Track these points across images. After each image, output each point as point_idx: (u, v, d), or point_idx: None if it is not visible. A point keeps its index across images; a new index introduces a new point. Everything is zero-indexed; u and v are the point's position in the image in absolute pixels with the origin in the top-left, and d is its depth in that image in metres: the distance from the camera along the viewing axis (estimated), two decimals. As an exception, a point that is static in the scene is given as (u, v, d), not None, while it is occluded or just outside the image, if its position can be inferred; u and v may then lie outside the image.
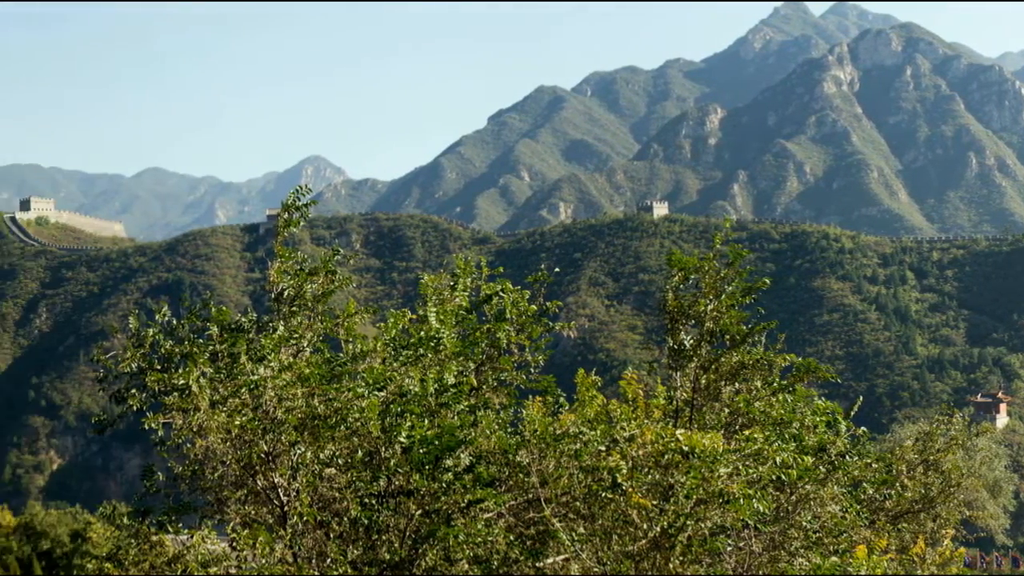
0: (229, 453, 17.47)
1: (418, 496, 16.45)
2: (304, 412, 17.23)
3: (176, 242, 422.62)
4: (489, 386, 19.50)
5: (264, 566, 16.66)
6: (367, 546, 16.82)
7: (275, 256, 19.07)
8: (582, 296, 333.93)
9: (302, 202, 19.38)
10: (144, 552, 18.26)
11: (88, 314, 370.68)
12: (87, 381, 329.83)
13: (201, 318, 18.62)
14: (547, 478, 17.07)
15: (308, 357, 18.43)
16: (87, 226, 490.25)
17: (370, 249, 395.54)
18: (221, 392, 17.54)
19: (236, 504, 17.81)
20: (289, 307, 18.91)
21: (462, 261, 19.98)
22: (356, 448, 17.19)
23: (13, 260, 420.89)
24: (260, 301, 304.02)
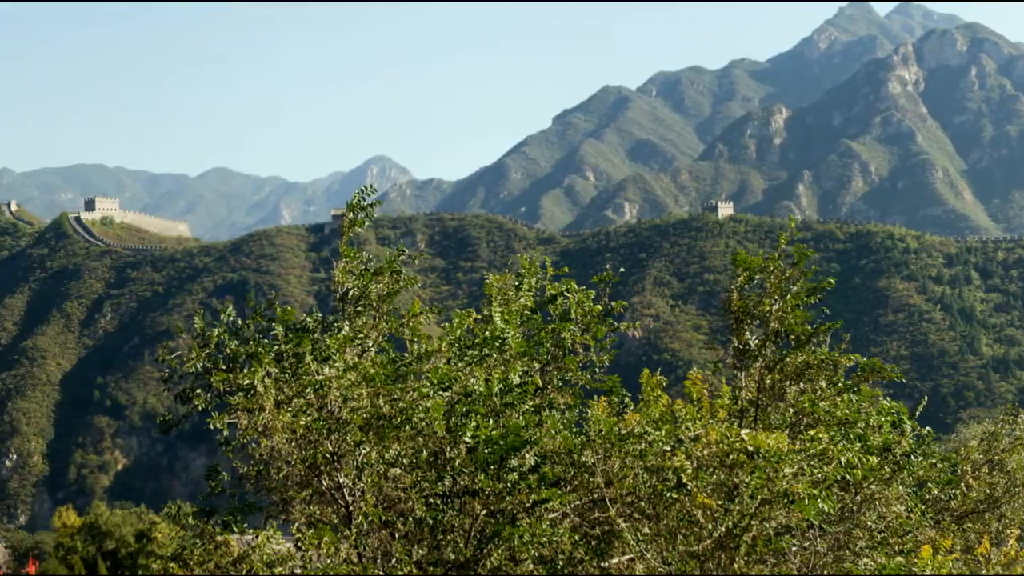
0: (294, 453, 17.52)
1: (483, 496, 16.48)
2: (369, 412, 17.27)
3: (241, 242, 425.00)
4: (554, 386, 19.49)
5: (329, 566, 16.75)
6: (432, 546, 16.86)
7: (340, 256, 19.12)
8: (647, 296, 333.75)
9: (367, 202, 19.42)
10: (209, 552, 18.38)
11: (153, 314, 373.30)
12: (152, 381, 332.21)
13: (266, 318, 18.70)
14: (612, 478, 17.07)
15: (373, 357, 18.44)
16: (152, 226, 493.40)
17: (435, 249, 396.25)
18: (286, 392, 17.61)
19: (301, 504, 17.86)
20: (354, 307, 18.96)
21: (527, 261, 19.99)
22: (421, 448, 17.21)
23: (78, 260, 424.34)
24: (325, 301, 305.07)
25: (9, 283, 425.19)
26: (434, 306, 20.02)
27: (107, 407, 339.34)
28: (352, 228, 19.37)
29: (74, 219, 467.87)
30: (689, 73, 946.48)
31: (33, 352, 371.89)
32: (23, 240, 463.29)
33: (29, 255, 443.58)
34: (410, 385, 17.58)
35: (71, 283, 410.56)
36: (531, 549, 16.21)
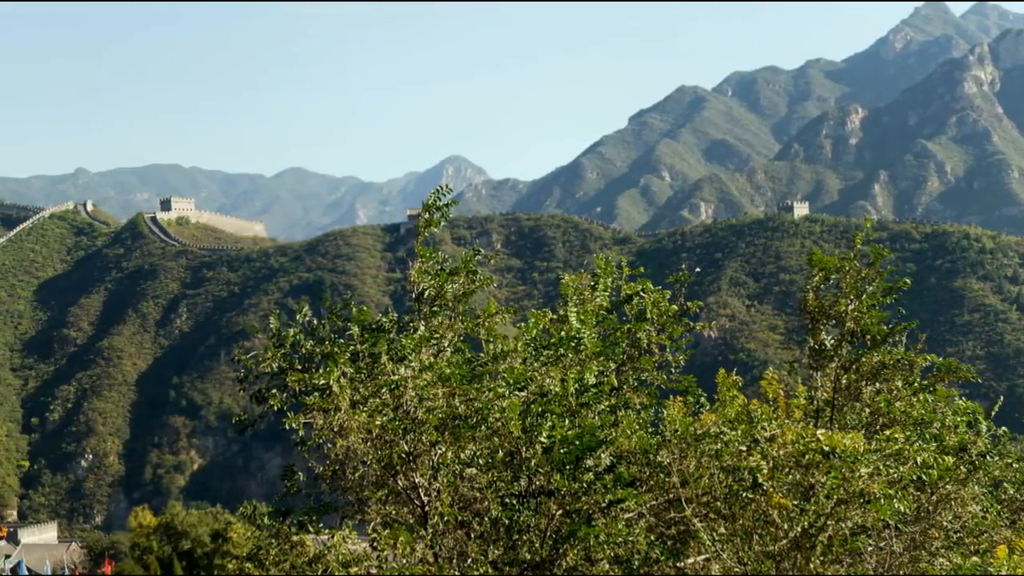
0: (370, 453, 17.58)
1: (559, 496, 16.50)
2: (445, 412, 17.34)
3: (317, 242, 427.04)
4: (630, 386, 19.45)
5: (405, 566, 16.80)
6: (508, 546, 16.90)
7: (416, 256, 19.20)
8: (723, 296, 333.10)
9: (443, 202, 19.50)
10: (285, 552, 18.47)
11: (229, 314, 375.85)
12: (228, 381, 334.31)
13: (342, 318, 18.79)
14: (688, 478, 17.08)
15: (449, 357, 18.50)
16: (228, 226, 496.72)
17: (511, 249, 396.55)
18: (362, 392, 17.68)
19: (377, 504, 17.91)
20: (430, 307, 19.03)
21: (603, 261, 20.00)
22: (497, 448, 17.28)
23: (154, 260, 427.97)
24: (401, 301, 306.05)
25: (85, 283, 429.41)
26: (510, 306, 20.03)
27: (183, 407, 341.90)
28: (428, 228, 19.44)
29: (150, 219, 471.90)
30: (765, 73, 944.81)
31: (109, 352, 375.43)
32: (99, 240, 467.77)
33: (105, 255, 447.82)
34: (486, 385, 17.62)
35: (147, 283, 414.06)
36: (607, 549, 16.21)
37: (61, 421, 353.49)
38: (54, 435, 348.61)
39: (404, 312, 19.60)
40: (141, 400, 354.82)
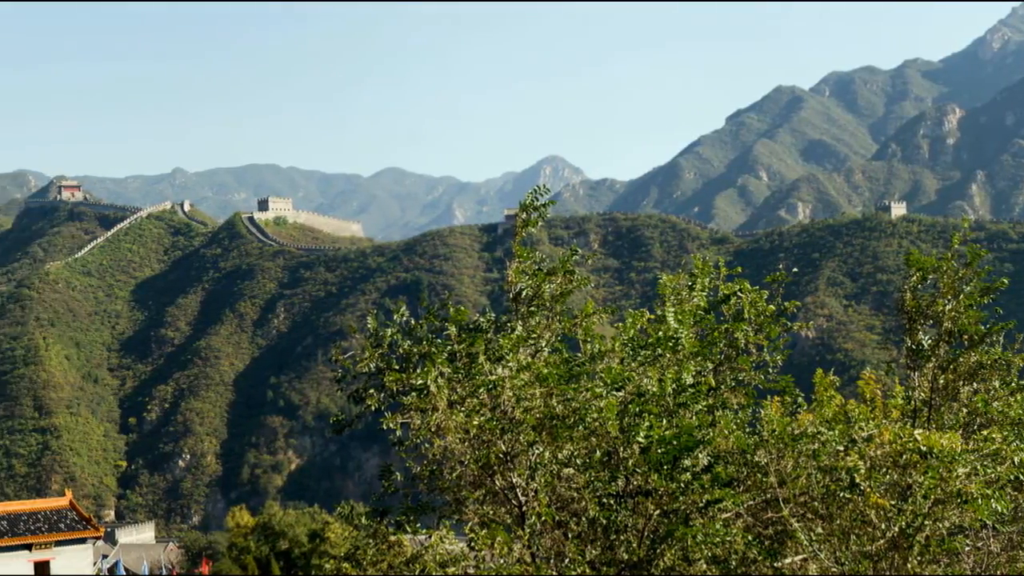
0: (467, 453, 17.71)
1: (656, 496, 16.57)
2: (542, 412, 17.43)
3: (414, 242, 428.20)
4: (727, 386, 19.48)
5: (502, 566, 16.88)
6: (605, 546, 16.98)
7: (513, 256, 19.28)
8: (820, 296, 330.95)
9: (540, 202, 19.55)
10: (382, 552, 18.71)
11: (326, 314, 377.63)
12: (325, 381, 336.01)
13: (439, 318, 18.97)
14: (785, 478, 17.11)
15: (546, 357, 18.58)
16: (325, 226, 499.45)
17: (608, 249, 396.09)
18: (459, 392, 17.82)
19: (474, 504, 18.06)
20: (527, 307, 19.11)
21: (700, 261, 20.00)
22: (594, 448, 17.34)
23: (251, 260, 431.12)
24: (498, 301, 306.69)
25: (183, 283, 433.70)
26: (607, 306, 20.11)
27: (280, 407, 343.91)
28: (525, 228, 19.51)
29: (247, 219, 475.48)
30: (862, 73, 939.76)
31: (207, 352, 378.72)
32: (196, 240, 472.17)
33: (203, 255, 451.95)
34: (583, 385, 17.66)
35: (244, 283, 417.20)
36: (704, 549, 16.28)
37: (158, 421, 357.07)
38: (151, 435, 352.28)
39: (502, 312, 19.68)
40: (238, 400, 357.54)
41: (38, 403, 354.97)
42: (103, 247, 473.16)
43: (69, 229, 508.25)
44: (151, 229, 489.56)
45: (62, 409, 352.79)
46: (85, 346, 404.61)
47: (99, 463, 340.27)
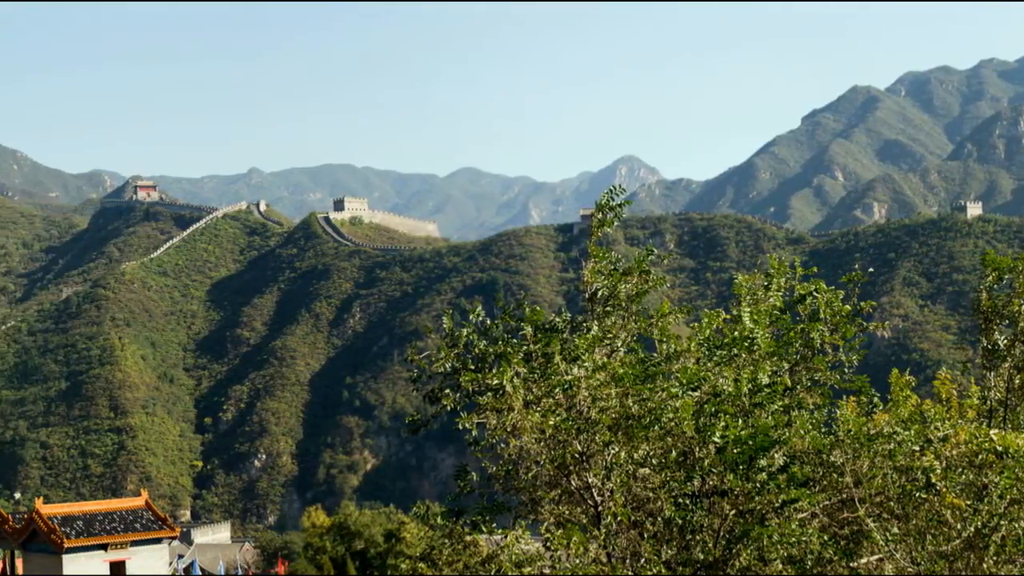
0: (543, 453, 17.79)
1: (732, 496, 16.62)
2: (618, 412, 17.48)
3: (490, 242, 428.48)
4: (803, 386, 19.43)
5: (578, 566, 16.95)
6: (681, 546, 17.03)
7: (589, 256, 19.32)
8: (896, 296, 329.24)
9: (616, 202, 19.58)
10: (458, 552, 18.79)
11: (402, 314, 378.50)
12: (401, 381, 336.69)
13: (515, 318, 19.03)
14: (861, 478, 17.09)
15: (622, 357, 18.62)
16: (401, 226, 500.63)
17: (684, 249, 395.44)
18: (535, 392, 17.92)
19: (550, 504, 18.14)
20: (603, 307, 19.15)
21: (776, 261, 19.96)
22: (670, 448, 17.39)
23: (327, 260, 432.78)
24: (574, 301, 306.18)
25: (258, 283, 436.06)
26: (683, 306, 20.10)
27: (356, 407, 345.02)
28: (601, 228, 19.53)
29: (323, 219, 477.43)
30: (938, 73, 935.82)
31: (282, 352, 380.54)
32: (272, 240, 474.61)
33: (278, 255, 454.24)
34: (659, 385, 17.71)
35: (320, 283, 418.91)
36: (780, 549, 16.30)
37: (234, 421, 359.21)
38: (227, 435, 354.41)
39: (577, 312, 19.75)
40: (314, 400, 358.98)
41: (114, 403, 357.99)
42: (179, 247, 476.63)
43: (145, 229, 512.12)
44: (227, 229, 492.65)
45: (138, 409, 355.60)
46: (161, 346, 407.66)
47: (175, 463, 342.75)
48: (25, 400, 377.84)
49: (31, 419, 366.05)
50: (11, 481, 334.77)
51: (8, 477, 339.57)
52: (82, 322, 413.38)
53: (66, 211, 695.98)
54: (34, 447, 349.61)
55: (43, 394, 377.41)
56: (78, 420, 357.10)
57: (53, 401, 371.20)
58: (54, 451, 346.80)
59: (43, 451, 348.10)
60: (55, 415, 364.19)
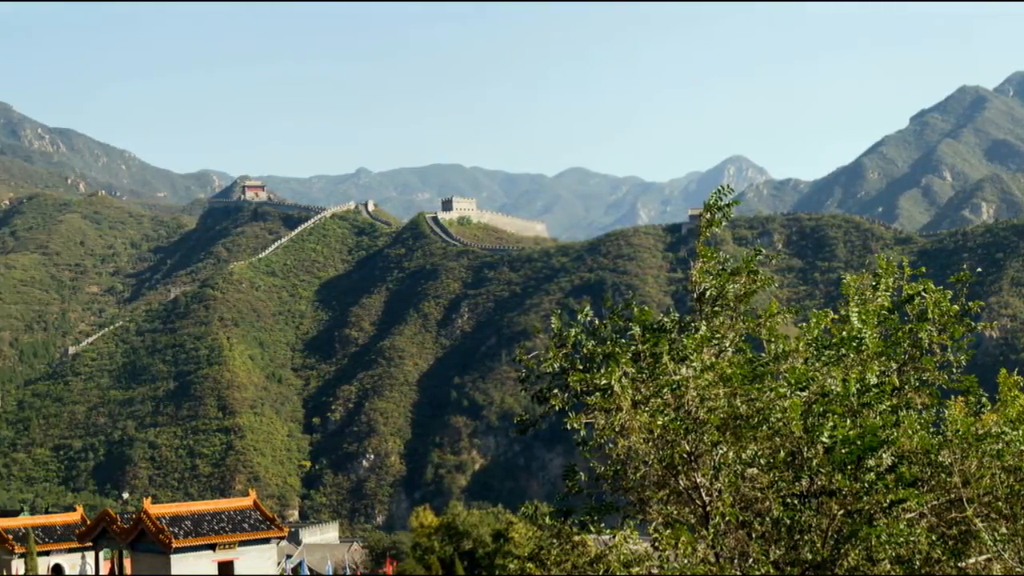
0: (651, 453, 17.86)
1: (840, 496, 16.61)
2: (726, 412, 17.58)
3: (598, 242, 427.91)
4: (911, 386, 19.29)
5: (686, 566, 17.01)
6: (789, 546, 17.06)
7: (697, 256, 19.38)
8: (1004, 296, 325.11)
9: (724, 202, 19.55)
10: (566, 552, 18.91)
11: (510, 314, 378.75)
12: (509, 381, 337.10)
13: (623, 318, 19.13)
14: (969, 478, 17.05)
15: (730, 357, 18.67)
16: (509, 226, 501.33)
17: (792, 249, 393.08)
18: (643, 392, 17.99)
19: (658, 504, 18.20)
20: (711, 307, 19.20)
21: (884, 261, 19.86)
22: (778, 448, 17.44)
23: (435, 260, 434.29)
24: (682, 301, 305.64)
25: (367, 283, 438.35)
26: (791, 306, 20.10)
27: (464, 407, 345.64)
28: (709, 228, 19.53)
29: (431, 219, 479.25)
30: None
31: (391, 352, 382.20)
32: (380, 240, 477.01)
33: (386, 255, 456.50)
34: (767, 385, 17.78)
35: (428, 283, 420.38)
36: (888, 549, 16.28)
37: (342, 421, 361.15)
38: (336, 435, 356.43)
39: (685, 312, 19.78)
40: (422, 400, 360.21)
41: (222, 403, 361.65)
42: (287, 247, 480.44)
43: (253, 229, 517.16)
44: (335, 229, 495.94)
45: (246, 409, 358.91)
46: (269, 346, 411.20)
47: (283, 463, 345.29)
48: (133, 400, 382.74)
49: (139, 419, 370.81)
50: (119, 481, 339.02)
51: (116, 477, 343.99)
52: (190, 322, 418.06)
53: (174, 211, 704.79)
54: (142, 447, 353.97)
55: (151, 394, 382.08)
56: (186, 420, 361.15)
57: (161, 401, 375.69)
58: (162, 451, 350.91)
59: (151, 451, 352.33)
60: (163, 415, 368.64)
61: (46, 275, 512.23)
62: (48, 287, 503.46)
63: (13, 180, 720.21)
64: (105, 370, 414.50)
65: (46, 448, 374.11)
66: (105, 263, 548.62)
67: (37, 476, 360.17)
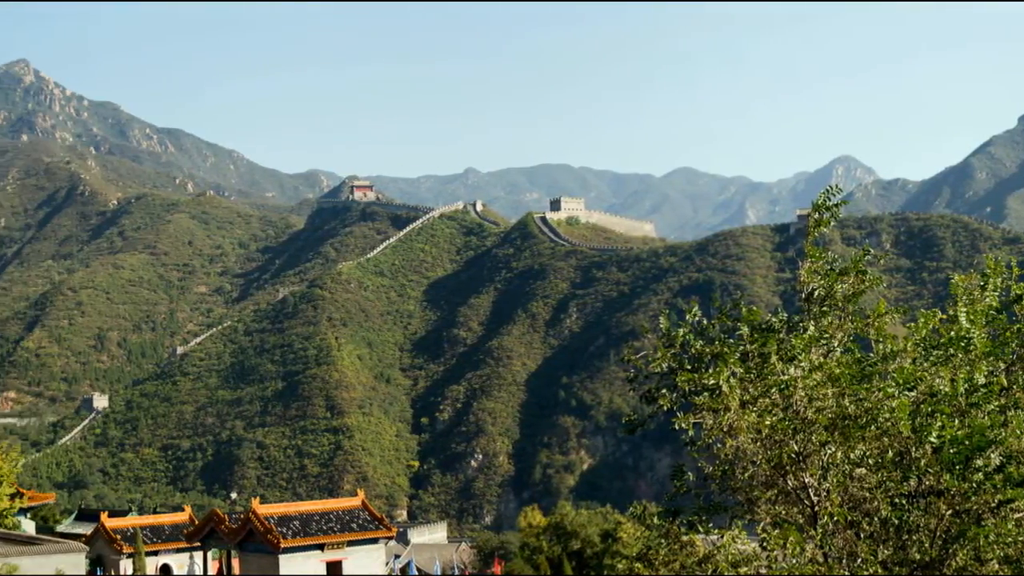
0: (759, 453, 17.94)
1: (948, 496, 16.59)
2: (834, 412, 17.60)
3: (706, 242, 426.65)
4: (1019, 386, 19.01)
5: (794, 566, 17.14)
6: (897, 546, 17.06)
7: (805, 256, 19.39)
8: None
9: (832, 202, 19.53)
10: (674, 552, 19.00)
11: (618, 314, 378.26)
12: (617, 381, 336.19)
13: (732, 318, 19.21)
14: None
15: (838, 357, 18.64)
16: (617, 226, 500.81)
17: (900, 249, 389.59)
18: (751, 392, 18.09)
19: (766, 504, 18.25)
20: (819, 307, 19.18)
21: (992, 261, 19.75)
22: (886, 448, 17.40)
23: (543, 260, 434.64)
24: (790, 301, 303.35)
25: (475, 283, 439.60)
26: (899, 306, 19.98)
27: (572, 407, 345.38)
28: (817, 228, 19.54)
29: (540, 219, 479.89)
30: None
31: (499, 352, 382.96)
32: (489, 240, 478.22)
33: (495, 255, 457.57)
34: (875, 385, 17.78)
35: (536, 283, 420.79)
36: (996, 549, 16.28)
37: (451, 421, 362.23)
38: (444, 435, 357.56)
39: (794, 312, 19.82)
40: (530, 400, 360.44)
41: (330, 403, 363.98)
42: (395, 247, 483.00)
43: (361, 229, 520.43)
44: (443, 229, 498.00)
45: (354, 409, 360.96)
46: (377, 346, 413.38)
47: (391, 463, 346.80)
48: (242, 400, 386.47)
49: (248, 419, 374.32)
50: (228, 481, 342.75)
51: (224, 477, 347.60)
52: (299, 322, 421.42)
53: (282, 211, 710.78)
54: (251, 447, 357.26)
55: (260, 394, 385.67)
56: (294, 420, 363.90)
57: (269, 401, 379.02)
58: (270, 451, 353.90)
59: (259, 451, 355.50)
60: (271, 415, 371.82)
61: (154, 275, 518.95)
62: (156, 287, 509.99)
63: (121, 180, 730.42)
64: (213, 370, 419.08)
65: (154, 448, 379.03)
66: (213, 263, 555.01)
67: (145, 476, 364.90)
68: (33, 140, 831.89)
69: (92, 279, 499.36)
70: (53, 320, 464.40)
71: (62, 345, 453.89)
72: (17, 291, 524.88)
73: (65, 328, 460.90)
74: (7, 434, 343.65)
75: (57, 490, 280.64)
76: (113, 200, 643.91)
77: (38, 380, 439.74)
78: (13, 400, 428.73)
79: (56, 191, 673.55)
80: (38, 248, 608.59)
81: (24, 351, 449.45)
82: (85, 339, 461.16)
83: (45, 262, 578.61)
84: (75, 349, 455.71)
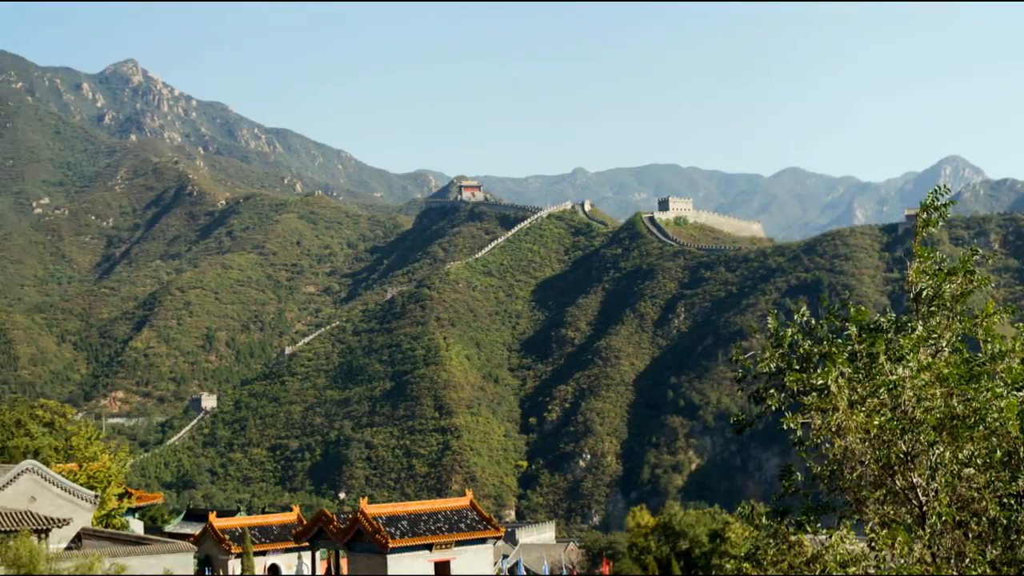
0: (868, 453, 17.91)
1: (1057, 496, 16.51)
2: (943, 412, 17.56)
3: (815, 242, 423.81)
4: None
5: (902, 566, 17.11)
6: (1006, 546, 17.02)
7: (914, 256, 19.36)
8: None
9: (940, 202, 19.49)
10: (782, 552, 18.98)
11: (726, 314, 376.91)
12: (725, 381, 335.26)
13: (840, 318, 19.20)
14: None
15: (947, 357, 18.60)
16: (725, 226, 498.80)
17: (1009, 249, 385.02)
18: (859, 392, 18.05)
19: (875, 504, 18.21)
20: (928, 307, 19.15)
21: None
22: (995, 448, 17.37)
23: (651, 260, 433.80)
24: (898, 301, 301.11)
25: (583, 282, 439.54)
26: (1008, 306, 19.93)
27: (680, 407, 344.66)
28: (926, 228, 19.49)
29: (648, 219, 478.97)
30: None
31: (607, 352, 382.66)
32: (597, 240, 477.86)
33: (603, 255, 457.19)
34: (984, 385, 17.73)
35: (644, 283, 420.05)
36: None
37: (559, 421, 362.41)
38: (552, 435, 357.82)
39: (902, 312, 19.82)
40: (638, 400, 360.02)
41: (439, 403, 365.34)
42: (503, 247, 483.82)
43: (469, 229, 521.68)
44: (551, 229, 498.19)
45: (463, 409, 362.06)
46: (485, 346, 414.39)
47: (499, 463, 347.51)
48: (350, 400, 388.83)
49: (356, 419, 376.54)
50: (336, 481, 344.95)
51: (333, 477, 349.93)
52: (407, 322, 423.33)
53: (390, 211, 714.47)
54: (359, 447, 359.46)
55: (368, 394, 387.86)
56: (403, 420, 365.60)
57: (378, 401, 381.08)
58: (379, 451, 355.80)
59: (368, 451, 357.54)
60: (380, 415, 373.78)
61: (262, 275, 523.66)
62: (264, 287, 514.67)
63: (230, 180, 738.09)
64: (321, 370, 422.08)
65: (263, 448, 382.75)
66: (321, 263, 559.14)
67: (254, 476, 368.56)
68: (141, 140, 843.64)
69: (200, 279, 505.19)
70: (161, 320, 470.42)
71: (170, 345, 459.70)
72: (125, 291, 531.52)
73: (173, 328, 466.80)
74: (116, 434, 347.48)
75: (165, 490, 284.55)
76: (221, 200, 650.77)
77: (146, 380, 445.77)
78: (122, 400, 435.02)
79: (164, 191, 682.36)
80: (146, 248, 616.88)
81: (133, 351, 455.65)
82: (193, 339, 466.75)
83: (153, 262, 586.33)
84: (183, 349, 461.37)
